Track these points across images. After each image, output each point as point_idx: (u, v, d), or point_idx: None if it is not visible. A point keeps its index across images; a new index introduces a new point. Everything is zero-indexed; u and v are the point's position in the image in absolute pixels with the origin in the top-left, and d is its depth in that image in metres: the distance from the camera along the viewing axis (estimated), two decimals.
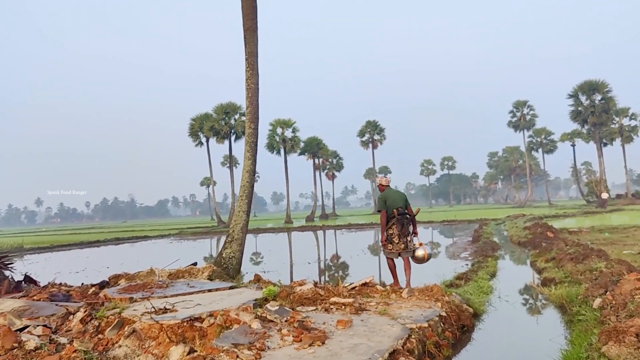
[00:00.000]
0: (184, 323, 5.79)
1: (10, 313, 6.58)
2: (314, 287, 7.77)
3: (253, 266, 17.18)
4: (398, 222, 9.16)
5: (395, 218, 9.16)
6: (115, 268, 16.09)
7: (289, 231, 41.46)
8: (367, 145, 77.68)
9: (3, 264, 8.98)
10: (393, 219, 9.19)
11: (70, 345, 5.55)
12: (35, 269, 17.34)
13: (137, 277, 9.90)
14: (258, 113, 12.99)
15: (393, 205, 9.20)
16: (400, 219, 9.15)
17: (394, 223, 9.18)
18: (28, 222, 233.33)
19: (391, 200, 9.24)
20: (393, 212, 9.17)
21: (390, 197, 9.29)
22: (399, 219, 9.16)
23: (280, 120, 59.24)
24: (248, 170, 12.90)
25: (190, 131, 58.16)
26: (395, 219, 9.17)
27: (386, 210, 9.21)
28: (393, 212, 9.17)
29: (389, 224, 9.24)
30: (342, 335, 5.68)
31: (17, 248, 30.64)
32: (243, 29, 12.92)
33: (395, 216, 9.15)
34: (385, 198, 9.26)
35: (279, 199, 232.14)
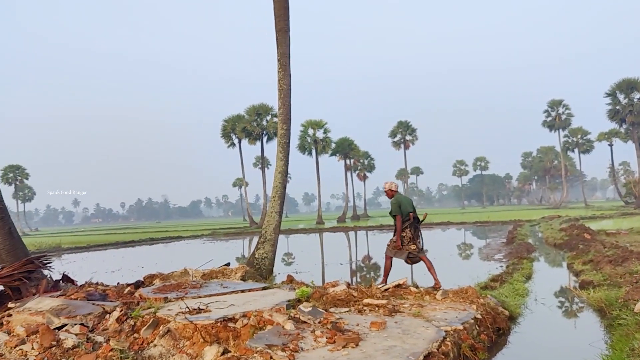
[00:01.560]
0: (218, 323, 5.82)
1: (48, 312, 6.69)
2: (347, 289, 7.73)
3: (285, 267, 17.22)
4: (411, 225, 9.53)
5: (409, 222, 9.50)
6: (150, 268, 16.30)
7: (320, 232, 41.47)
8: (398, 145, 77.31)
9: (42, 263, 9.14)
10: (407, 222, 9.52)
11: (106, 344, 5.62)
12: (73, 269, 17.67)
13: (171, 277, 10.00)
14: (290, 114, 13.02)
15: (406, 210, 9.55)
16: (413, 222, 9.53)
17: (407, 227, 9.52)
18: (66, 222, 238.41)
19: (404, 206, 9.57)
20: (409, 216, 9.51)
21: (403, 202, 9.61)
22: (412, 223, 9.52)
23: (312, 121, 59.30)
24: (280, 172, 12.92)
25: (223, 132, 58.69)
26: (409, 222, 9.51)
27: (401, 215, 9.51)
28: (409, 216, 9.51)
29: (403, 226, 9.52)
30: (376, 337, 5.63)
31: (55, 248, 31.32)
32: (275, 30, 12.96)
33: (411, 220, 9.50)
34: (399, 203, 9.55)
35: (310, 200, 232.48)
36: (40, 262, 9.09)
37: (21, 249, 10.54)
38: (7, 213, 10.87)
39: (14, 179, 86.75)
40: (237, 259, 21.19)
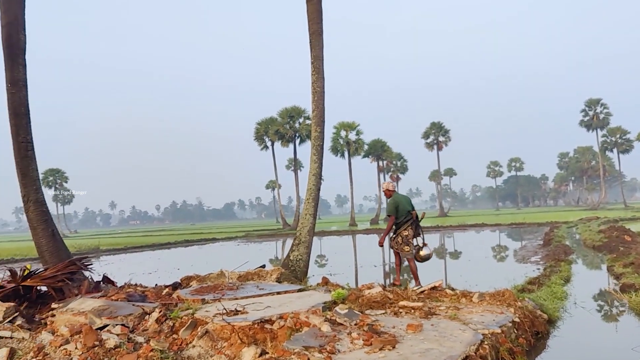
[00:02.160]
0: (255, 325, 5.87)
1: (90, 312, 6.86)
2: (382, 291, 7.73)
3: (318, 269, 17.26)
4: (412, 224, 9.82)
5: (411, 221, 9.79)
6: (186, 269, 16.52)
7: (353, 234, 41.44)
8: (431, 147, 76.75)
9: (83, 264, 9.39)
10: (409, 222, 9.81)
11: (147, 345, 5.73)
12: (111, 270, 18.04)
13: (208, 278, 10.14)
14: (324, 116, 13.06)
15: (404, 210, 9.83)
16: (415, 221, 9.82)
17: (409, 225, 9.82)
18: (103, 224, 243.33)
19: (402, 205, 9.86)
20: (409, 215, 9.81)
21: (400, 202, 9.88)
22: (414, 221, 9.82)
23: (344, 123, 59.27)
24: (314, 174, 12.97)
25: (256, 135, 59.16)
26: (410, 221, 9.80)
27: (395, 216, 9.81)
28: (409, 215, 9.81)
29: (404, 226, 9.82)
30: (412, 340, 5.62)
31: (94, 249, 31.99)
32: (308, 33, 13.03)
33: (412, 218, 9.80)
34: (396, 204, 9.85)
35: (343, 202, 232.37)
36: (81, 264, 9.33)
37: (63, 251, 10.83)
38: (50, 216, 11.18)
39: (54, 183, 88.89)
40: (270, 261, 21.34)
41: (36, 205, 10.74)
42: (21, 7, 10.82)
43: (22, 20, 10.83)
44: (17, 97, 10.74)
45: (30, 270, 8.62)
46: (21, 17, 10.82)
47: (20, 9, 10.79)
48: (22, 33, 10.82)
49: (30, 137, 10.97)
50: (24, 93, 10.85)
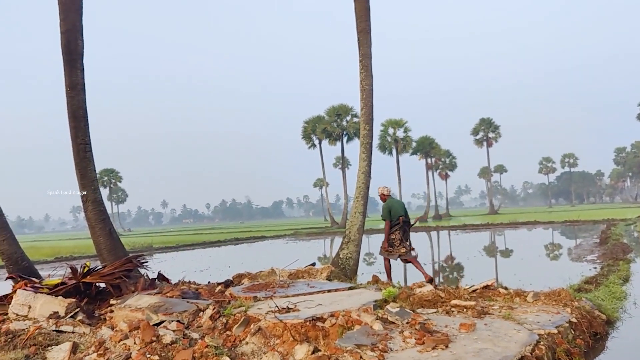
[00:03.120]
0: (307, 322, 5.92)
1: (147, 308, 7.06)
2: (434, 289, 7.68)
3: (367, 267, 17.26)
4: (400, 228, 10.44)
5: (399, 225, 10.40)
6: (236, 267, 16.78)
7: None
8: (481, 143, 75.51)
9: (139, 262, 9.66)
10: (397, 226, 10.43)
11: (202, 341, 5.86)
12: (164, 267, 18.45)
13: (259, 276, 10.27)
14: (372, 114, 13.03)
15: (397, 214, 10.42)
16: (402, 226, 10.42)
17: (397, 229, 10.44)
18: (155, 223, 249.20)
19: (395, 210, 10.45)
20: (398, 220, 10.39)
21: (394, 206, 10.50)
22: (402, 226, 10.43)
23: (392, 121, 58.95)
24: (364, 172, 12.95)
25: (304, 134, 59.44)
26: (398, 225, 10.40)
27: (390, 220, 10.43)
28: (398, 220, 10.39)
29: (392, 229, 10.47)
30: (465, 339, 5.57)
31: (147, 247, 32.82)
32: (356, 32, 13.02)
33: (400, 223, 10.38)
34: (390, 208, 10.46)
35: None
36: (137, 262, 9.60)
37: (120, 249, 11.16)
38: (107, 215, 11.54)
39: (109, 182, 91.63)
40: (319, 259, 21.44)
41: (94, 205, 11.10)
42: (79, 14, 11.19)
43: (79, 27, 11.21)
44: (76, 100, 11.12)
45: (89, 268, 8.93)
46: (79, 23, 11.19)
47: (78, 15, 11.17)
48: (80, 39, 11.20)
49: (89, 138, 11.34)
50: (82, 96, 11.22)
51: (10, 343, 6.35)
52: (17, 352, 5.97)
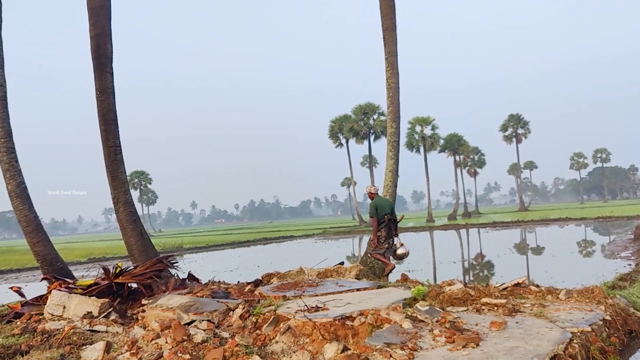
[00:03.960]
0: (336, 321, 5.93)
1: (178, 308, 7.15)
2: (463, 287, 7.61)
3: (396, 265, 17.18)
4: (386, 226, 10.73)
5: (385, 223, 10.69)
6: (265, 267, 16.86)
7: (430, 230, 40.88)
8: (510, 139, 74.53)
9: (170, 262, 9.79)
10: (383, 223, 10.70)
11: (232, 340, 5.91)
12: (194, 267, 18.67)
13: (288, 275, 10.30)
14: (399, 112, 12.98)
15: (382, 212, 10.69)
16: (388, 223, 10.71)
17: (382, 227, 10.71)
18: (185, 223, 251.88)
19: (381, 208, 10.72)
20: (384, 218, 10.67)
21: (380, 204, 10.77)
22: (387, 224, 10.72)
23: (419, 118, 58.49)
24: (391, 170, 12.91)
25: (331, 133, 59.39)
26: (384, 223, 10.69)
27: (377, 217, 10.67)
28: (384, 218, 10.67)
29: (380, 227, 10.70)
30: (496, 337, 5.51)
31: (178, 248, 33.21)
32: (382, 29, 12.99)
33: (385, 221, 10.67)
34: (376, 206, 10.72)
35: (419, 198, 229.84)
36: (168, 262, 9.73)
37: (151, 249, 11.33)
38: (138, 216, 11.74)
39: (139, 184, 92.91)
40: (347, 258, 21.43)
41: (125, 206, 11.29)
42: (108, 19, 11.40)
43: (109, 31, 11.41)
44: (106, 103, 11.33)
45: (121, 268, 9.08)
46: (108, 28, 11.40)
47: (107, 21, 11.37)
48: (109, 43, 11.40)
49: (119, 141, 11.54)
50: (112, 100, 11.43)
51: (46, 342, 6.50)
52: (53, 351, 6.10)
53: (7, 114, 11.71)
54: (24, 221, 11.56)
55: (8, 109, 11.76)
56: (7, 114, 11.72)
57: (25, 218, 11.54)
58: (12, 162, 11.59)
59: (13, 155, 11.67)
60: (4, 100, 11.68)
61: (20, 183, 11.63)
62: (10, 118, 11.88)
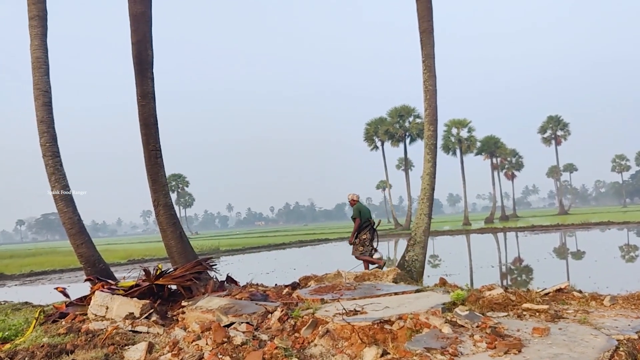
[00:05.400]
0: (375, 325, 5.91)
1: (218, 310, 7.23)
2: (504, 292, 7.50)
3: (431, 269, 17.07)
4: (370, 230, 11.71)
5: (370, 226, 11.71)
6: (301, 269, 16.92)
7: (467, 233, 40.43)
8: (549, 141, 73.17)
9: (208, 265, 9.90)
10: (368, 227, 11.69)
11: (271, 342, 5.95)
12: (231, 269, 18.85)
13: (325, 279, 10.32)
14: (437, 115, 12.87)
15: (365, 216, 11.81)
16: (371, 227, 11.69)
17: (368, 230, 11.69)
18: (221, 226, 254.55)
19: (364, 212, 11.86)
20: (370, 222, 11.71)
21: (363, 209, 11.93)
22: (371, 228, 11.70)
23: (455, 120, 57.97)
24: (428, 173, 12.81)
25: (366, 136, 59.35)
26: (369, 227, 11.70)
27: (360, 219, 11.65)
28: (370, 222, 11.71)
29: (364, 230, 11.66)
30: (539, 344, 5.41)
31: (215, 250, 33.59)
32: (419, 32, 12.91)
33: (369, 226, 11.68)
34: (359, 209, 11.80)
35: (455, 201, 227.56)
36: (207, 264, 9.84)
37: (190, 252, 11.49)
38: (178, 219, 11.92)
39: (177, 187, 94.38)
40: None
41: (165, 209, 11.48)
42: (149, 25, 11.63)
43: (149, 37, 11.65)
44: (147, 108, 11.55)
45: (162, 270, 9.23)
46: (149, 34, 11.63)
47: (148, 27, 11.61)
48: (150, 49, 11.63)
49: (159, 145, 11.75)
50: (153, 105, 11.65)
51: (90, 342, 6.65)
52: (97, 351, 6.23)
53: (52, 119, 12.04)
54: (68, 223, 11.86)
55: (53, 115, 12.09)
56: (52, 119, 12.04)
57: (70, 220, 11.83)
58: (57, 165, 11.89)
59: (58, 159, 11.98)
60: (49, 105, 12.01)
61: (65, 186, 11.93)
62: (55, 123, 12.22)
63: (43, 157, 11.91)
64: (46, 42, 12.06)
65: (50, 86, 12.11)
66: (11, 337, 8.15)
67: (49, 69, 12.09)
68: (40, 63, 11.87)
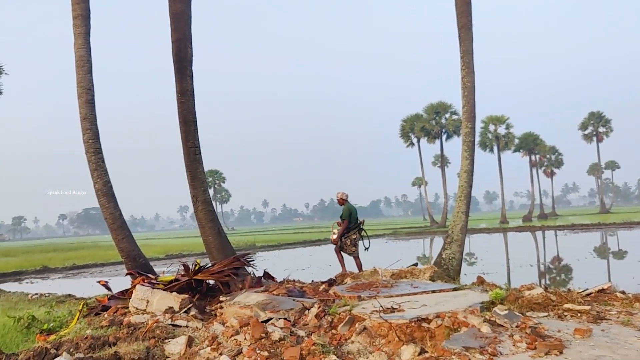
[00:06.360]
0: (412, 323, 5.89)
1: (255, 306, 7.32)
2: (544, 292, 7.38)
3: (468, 267, 16.89)
4: (359, 230, 11.90)
5: (358, 227, 11.87)
6: (336, 266, 16.85)
7: (504, 231, 39.82)
8: (590, 138, 71.43)
9: (246, 260, 10.02)
10: (355, 228, 11.84)
11: (308, 339, 5.99)
12: (267, 265, 18.98)
13: (362, 276, 10.32)
14: (475, 112, 12.72)
15: (355, 217, 11.96)
16: (359, 227, 11.86)
17: (356, 230, 11.83)
18: (257, 221, 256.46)
19: (354, 213, 11.98)
20: (358, 222, 11.92)
21: (353, 210, 12.02)
22: (358, 228, 11.87)
23: (493, 117, 57.15)
24: (466, 171, 12.68)
25: (402, 132, 59.02)
26: (358, 227, 11.86)
27: (348, 220, 11.77)
28: (358, 222, 11.92)
29: (353, 230, 11.78)
30: (580, 346, 5.32)
31: (251, 246, 33.90)
32: (457, 28, 12.76)
33: (358, 226, 11.87)
34: (349, 210, 11.90)
35: (492, 198, 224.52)
36: (244, 260, 9.96)
37: (228, 247, 11.64)
38: (216, 215, 12.08)
39: (213, 183, 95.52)
40: (418, 259, 21.23)
41: (204, 205, 11.65)
42: (188, 24, 11.81)
43: (189, 35, 11.82)
44: (186, 105, 11.73)
45: (200, 265, 9.38)
46: (188, 32, 11.81)
47: (187, 25, 11.78)
48: (190, 47, 11.81)
49: (198, 142, 11.92)
50: (192, 102, 11.82)
51: (131, 335, 6.81)
52: (139, 343, 6.38)
53: (95, 117, 12.33)
54: (109, 218, 12.13)
55: (95, 112, 12.37)
56: (95, 116, 12.33)
57: (111, 216, 12.10)
58: (99, 162, 12.18)
59: (100, 155, 12.26)
60: (92, 103, 12.30)
61: (107, 182, 12.21)
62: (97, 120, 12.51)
63: (86, 153, 12.21)
64: (89, 40, 12.34)
65: (93, 84, 12.40)
66: (56, 329, 8.42)
67: (91, 67, 12.38)
68: (83, 61, 12.16)
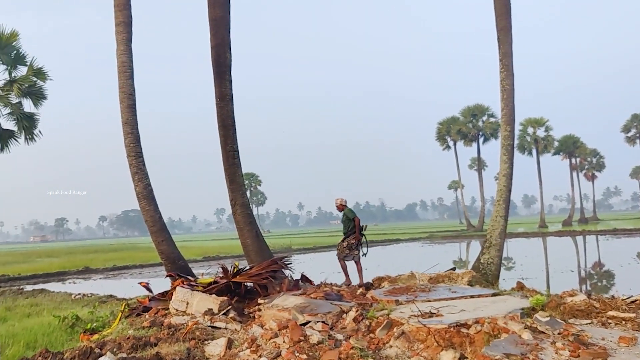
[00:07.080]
0: (451, 328, 5.85)
1: (293, 309, 7.36)
2: (587, 299, 7.24)
3: (506, 272, 16.65)
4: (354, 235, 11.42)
5: (353, 232, 11.33)
6: (373, 270, 16.85)
7: (543, 236, 39.10)
8: (633, 141, 69.44)
9: (284, 263, 10.09)
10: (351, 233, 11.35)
11: (347, 342, 6.01)
12: (303, 268, 19.06)
13: (399, 280, 10.29)
14: (514, 115, 12.54)
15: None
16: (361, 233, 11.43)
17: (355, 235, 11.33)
18: (292, 224, 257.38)
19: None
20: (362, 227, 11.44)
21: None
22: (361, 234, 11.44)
23: (532, 119, 56.14)
24: (505, 174, 12.51)
25: (438, 135, 58.51)
26: (353, 233, 11.33)
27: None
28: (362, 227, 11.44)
29: (354, 234, 11.26)
30: (625, 354, 5.20)
31: (286, 248, 34.05)
32: (496, 30, 12.62)
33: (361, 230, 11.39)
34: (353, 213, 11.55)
35: (530, 202, 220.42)
36: (282, 263, 10.03)
37: (266, 250, 11.74)
38: (254, 218, 12.20)
39: (250, 186, 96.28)
40: (454, 262, 20.99)
41: (242, 208, 11.79)
42: (227, 29, 11.98)
43: (228, 41, 12.00)
44: (225, 110, 11.90)
45: (238, 268, 9.48)
46: (227, 38, 11.98)
47: (226, 31, 11.96)
48: (229, 52, 11.98)
49: (237, 146, 12.07)
50: (231, 106, 11.98)
51: (172, 336, 6.93)
52: (180, 344, 6.49)
53: (136, 121, 12.59)
54: (150, 221, 12.36)
55: (137, 116, 12.63)
56: (136, 120, 12.59)
57: (151, 218, 12.33)
58: (140, 165, 12.42)
59: (141, 159, 12.51)
60: (133, 108, 12.56)
61: (147, 185, 12.44)
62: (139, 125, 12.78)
63: (127, 157, 12.47)
64: (131, 47, 12.62)
65: (135, 89, 12.66)
66: (99, 328, 8.64)
67: (133, 73, 12.65)
68: (125, 67, 12.44)
